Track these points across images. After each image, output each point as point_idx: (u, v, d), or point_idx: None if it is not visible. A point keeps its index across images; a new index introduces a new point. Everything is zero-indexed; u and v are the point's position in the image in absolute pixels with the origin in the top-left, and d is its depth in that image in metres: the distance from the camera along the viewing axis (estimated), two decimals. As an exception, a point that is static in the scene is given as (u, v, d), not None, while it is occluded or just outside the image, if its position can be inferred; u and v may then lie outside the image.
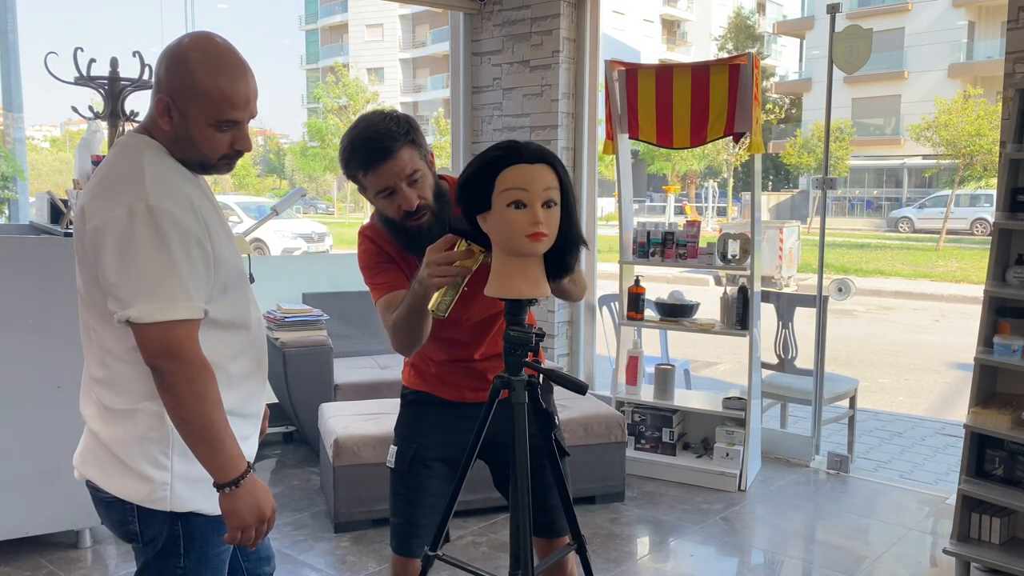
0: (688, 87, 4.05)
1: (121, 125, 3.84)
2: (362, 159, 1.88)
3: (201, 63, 1.54)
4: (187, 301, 1.51)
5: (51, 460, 3.20)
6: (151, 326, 1.49)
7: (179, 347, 1.50)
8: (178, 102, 1.56)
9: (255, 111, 1.62)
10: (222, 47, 1.58)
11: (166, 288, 1.49)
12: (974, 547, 3.16)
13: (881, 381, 7.19)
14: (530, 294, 1.77)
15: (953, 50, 29.67)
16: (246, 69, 1.59)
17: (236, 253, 1.68)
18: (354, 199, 34.86)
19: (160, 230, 1.49)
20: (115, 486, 1.63)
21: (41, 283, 3.14)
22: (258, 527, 1.59)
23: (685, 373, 5.13)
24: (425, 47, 41.09)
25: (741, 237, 4.14)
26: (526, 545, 1.78)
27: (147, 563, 1.68)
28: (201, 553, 1.66)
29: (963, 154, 20.95)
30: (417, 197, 1.89)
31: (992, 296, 3.15)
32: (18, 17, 5.45)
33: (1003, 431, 3.03)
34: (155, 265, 1.49)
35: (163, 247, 1.49)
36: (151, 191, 1.51)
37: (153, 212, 1.50)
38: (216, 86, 1.54)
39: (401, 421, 2.22)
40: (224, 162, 1.64)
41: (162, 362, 1.50)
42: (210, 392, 1.53)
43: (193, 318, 1.52)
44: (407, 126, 1.90)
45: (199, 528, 1.65)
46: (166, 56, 1.58)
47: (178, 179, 1.59)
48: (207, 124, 1.57)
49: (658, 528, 3.72)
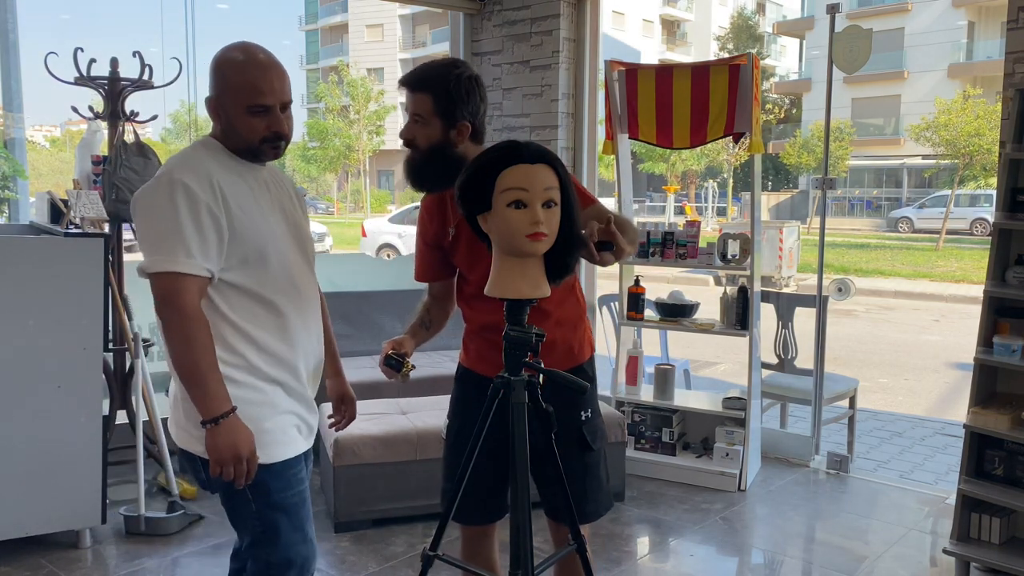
0: (688, 87, 4.05)
1: (121, 125, 3.84)
2: (404, 78, 2.12)
3: (230, 62, 1.85)
4: (187, 258, 1.74)
5: (51, 460, 3.21)
6: (157, 275, 1.75)
7: (176, 296, 1.74)
8: (221, 100, 1.86)
9: (285, 97, 1.86)
10: (247, 47, 1.86)
11: (169, 244, 1.74)
12: (974, 547, 3.16)
13: (881, 381, 7.19)
14: (530, 294, 1.77)
15: (953, 50, 29.67)
16: (270, 62, 1.86)
17: (266, 236, 1.87)
18: (354, 199, 34.87)
19: (172, 197, 1.76)
20: (182, 440, 1.90)
21: (41, 283, 3.14)
22: (236, 465, 1.77)
23: (685, 373, 5.13)
24: (425, 47, 41.03)
25: (741, 237, 4.14)
26: (526, 545, 1.78)
27: (227, 509, 1.95)
28: (266, 498, 1.88)
29: (962, 154, 20.94)
30: (408, 133, 2.09)
31: (992, 296, 3.15)
32: (18, 17, 5.44)
33: (1003, 431, 3.03)
34: (164, 225, 1.75)
35: (172, 210, 1.75)
36: (176, 168, 1.80)
37: (172, 183, 1.77)
38: (243, 78, 1.83)
39: (452, 396, 2.36)
40: (267, 146, 1.88)
41: (162, 310, 1.75)
42: (198, 338, 1.75)
43: (190, 273, 1.75)
44: (451, 84, 2.04)
45: (258, 475, 1.83)
46: (209, 66, 1.87)
47: (212, 164, 1.84)
48: (243, 112, 1.84)
49: (658, 528, 3.72)
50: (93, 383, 3.30)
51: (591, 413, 2.22)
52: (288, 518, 1.91)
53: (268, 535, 1.90)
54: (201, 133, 33.55)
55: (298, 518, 1.92)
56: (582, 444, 2.18)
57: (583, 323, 2.27)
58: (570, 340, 2.22)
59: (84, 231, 3.48)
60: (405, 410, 3.86)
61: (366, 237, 15.60)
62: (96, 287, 3.23)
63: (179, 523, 3.53)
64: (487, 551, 2.36)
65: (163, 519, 3.51)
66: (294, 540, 1.92)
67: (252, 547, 1.94)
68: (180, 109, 33.83)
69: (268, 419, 1.88)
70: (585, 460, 2.20)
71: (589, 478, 2.22)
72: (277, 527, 1.90)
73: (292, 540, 1.91)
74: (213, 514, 3.69)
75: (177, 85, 3.99)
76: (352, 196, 35.17)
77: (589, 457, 2.21)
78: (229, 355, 1.84)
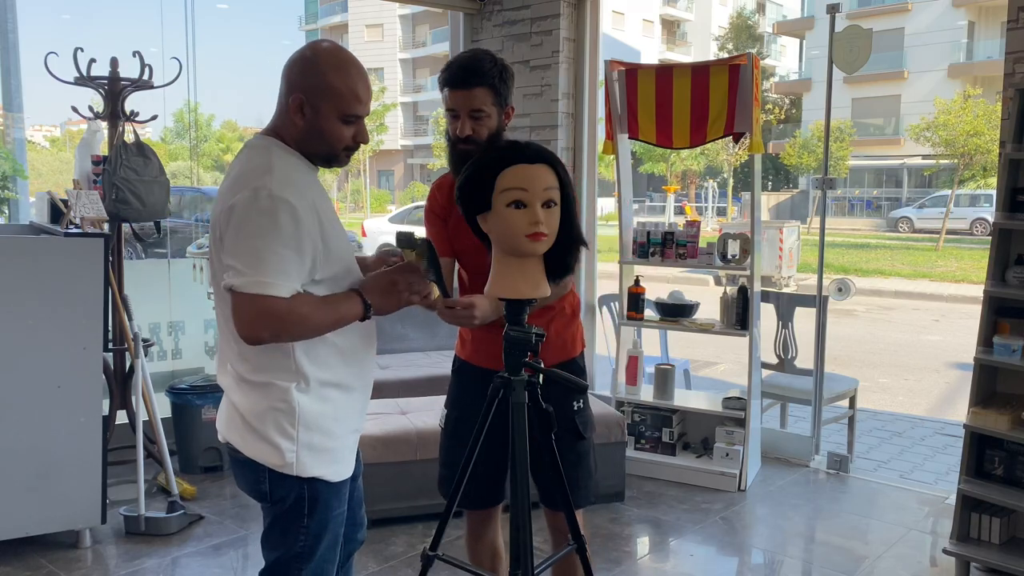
0: (688, 87, 4.05)
1: (121, 125, 3.84)
2: (447, 77, 2.15)
3: (332, 65, 1.77)
4: (286, 282, 1.68)
5: (51, 460, 3.21)
6: (246, 296, 1.66)
7: (277, 315, 1.67)
8: (311, 99, 1.76)
9: (370, 109, 1.83)
10: (346, 53, 1.82)
11: (268, 267, 1.66)
12: (974, 547, 3.16)
13: (881, 381, 7.19)
14: (530, 294, 1.77)
15: (953, 50, 29.66)
16: (365, 72, 1.82)
17: (346, 247, 1.85)
18: (354, 199, 34.87)
19: (275, 216, 1.67)
20: (251, 450, 1.81)
21: (41, 283, 3.14)
22: (402, 295, 1.79)
23: (685, 373, 5.13)
24: (425, 47, 41.05)
25: (741, 237, 4.14)
26: (526, 544, 1.78)
27: (275, 520, 1.87)
28: (323, 515, 1.85)
29: (962, 154, 20.93)
30: (471, 130, 2.13)
31: (992, 296, 3.14)
32: (18, 17, 5.44)
33: (1003, 431, 3.03)
34: (264, 244, 1.66)
35: (275, 231, 1.66)
36: (276, 182, 1.70)
37: (274, 199, 1.67)
38: (345, 84, 1.76)
39: (450, 388, 2.40)
40: (345, 154, 1.84)
41: (256, 328, 1.68)
42: (306, 321, 1.71)
43: (284, 297, 1.68)
44: (498, 73, 2.15)
45: (322, 493, 1.83)
46: (298, 61, 1.79)
47: (303, 177, 1.77)
48: (336, 118, 1.77)
49: (658, 528, 3.72)
50: (93, 383, 3.30)
51: (583, 404, 2.30)
52: (330, 537, 1.89)
53: (308, 552, 1.87)
54: (202, 133, 32.74)
55: (335, 538, 1.92)
56: (575, 433, 2.26)
57: (576, 318, 2.36)
58: (564, 335, 2.31)
59: (84, 231, 3.48)
60: (405, 410, 3.86)
61: (366, 237, 15.60)
62: (96, 287, 3.24)
63: (179, 523, 3.53)
64: (492, 534, 2.42)
65: (163, 519, 3.51)
66: (329, 558, 1.91)
67: (287, 563, 1.88)
68: (183, 108, 33.86)
69: (341, 437, 1.87)
70: (578, 449, 2.28)
71: (581, 467, 2.29)
72: (318, 544, 1.88)
73: (328, 557, 1.90)
74: (213, 514, 3.69)
75: (177, 85, 3.99)
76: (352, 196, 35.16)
77: (581, 446, 2.29)
78: (319, 369, 1.80)
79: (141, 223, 3.93)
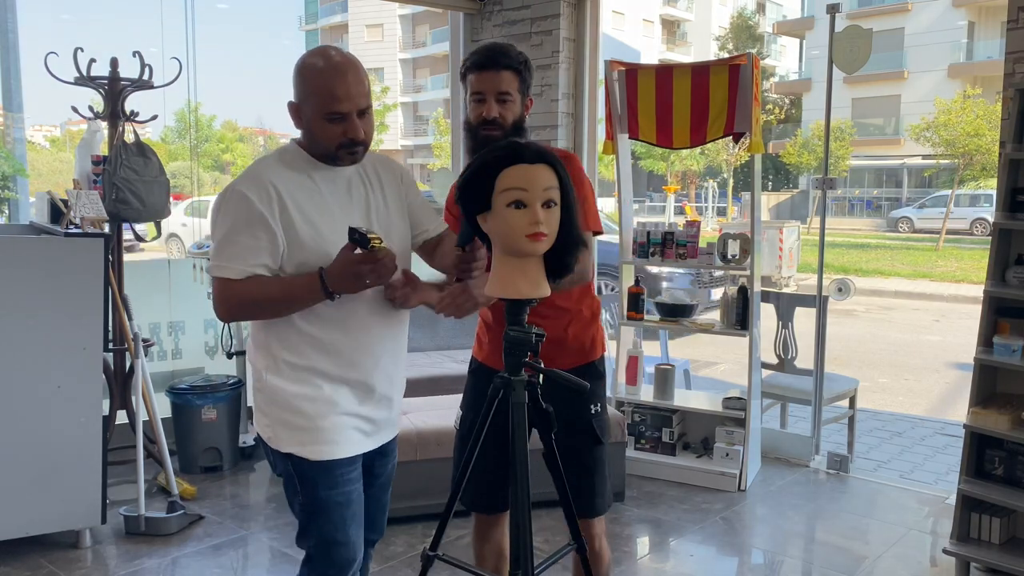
0: (688, 87, 4.05)
1: (121, 125, 3.84)
2: (473, 61, 2.19)
3: (310, 68, 1.86)
4: (240, 265, 1.82)
5: (51, 460, 3.21)
6: (213, 279, 1.86)
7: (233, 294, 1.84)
8: (300, 104, 1.89)
9: (361, 103, 1.85)
10: (326, 53, 1.87)
11: (224, 252, 1.83)
12: (974, 547, 3.16)
13: (881, 381, 7.19)
14: (530, 294, 1.77)
15: (953, 50, 29.66)
16: (347, 69, 1.84)
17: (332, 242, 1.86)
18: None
19: (230, 207, 1.84)
20: (256, 425, 2.03)
21: (41, 283, 3.14)
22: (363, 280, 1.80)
23: (685, 373, 5.13)
24: (425, 47, 41.05)
25: (741, 237, 4.14)
26: (526, 545, 1.78)
27: (285, 493, 2.03)
28: (312, 494, 1.94)
29: (962, 154, 20.93)
30: (497, 113, 2.15)
31: (992, 296, 3.15)
32: (18, 17, 5.45)
33: (1003, 431, 3.03)
34: (222, 233, 1.84)
35: (230, 221, 1.84)
36: (243, 180, 1.87)
37: (233, 193, 1.85)
38: (321, 84, 1.83)
39: (466, 389, 2.41)
40: (344, 151, 1.88)
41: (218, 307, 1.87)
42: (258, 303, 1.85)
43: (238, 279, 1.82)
44: (522, 60, 2.20)
45: (306, 471, 1.93)
46: (294, 69, 1.89)
47: (283, 173, 1.88)
48: (320, 117, 1.85)
49: (658, 528, 3.72)
50: (93, 383, 3.30)
51: (600, 408, 2.29)
52: (329, 515, 1.94)
53: (310, 528, 1.97)
54: (202, 133, 33.16)
55: (340, 517, 1.95)
56: (594, 438, 2.26)
57: (596, 322, 2.35)
58: (582, 337, 2.30)
59: (84, 231, 3.48)
60: (405, 410, 3.86)
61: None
62: (96, 287, 3.24)
63: (179, 523, 3.53)
64: (499, 536, 2.42)
65: (163, 519, 3.51)
66: (335, 539, 1.95)
67: (298, 536, 2.02)
68: (184, 108, 33.84)
69: (325, 417, 1.92)
70: (596, 454, 2.28)
71: (598, 472, 2.29)
72: (318, 522, 1.95)
73: (333, 538, 1.95)
74: (213, 514, 3.69)
75: (177, 85, 3.99)
76: (352, 196, 35.07)
77: (599, 451, 2.28)
78: (290, 354, 1.91)
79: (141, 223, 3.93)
